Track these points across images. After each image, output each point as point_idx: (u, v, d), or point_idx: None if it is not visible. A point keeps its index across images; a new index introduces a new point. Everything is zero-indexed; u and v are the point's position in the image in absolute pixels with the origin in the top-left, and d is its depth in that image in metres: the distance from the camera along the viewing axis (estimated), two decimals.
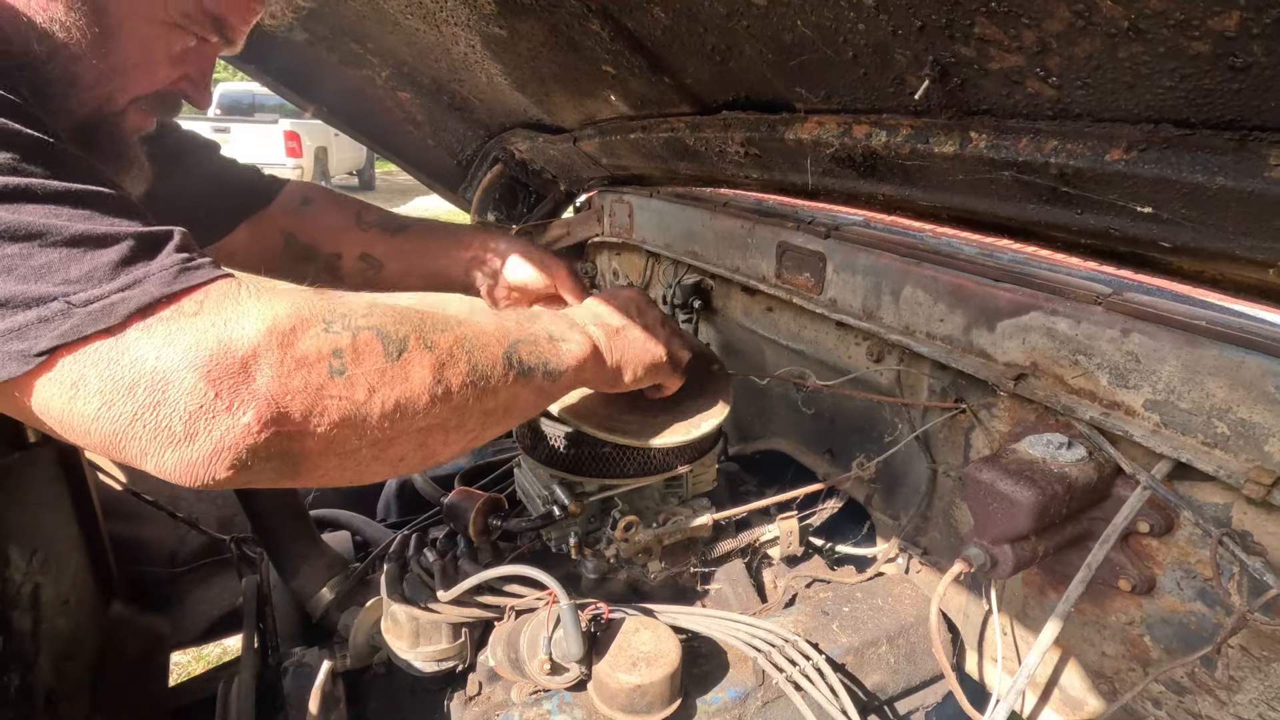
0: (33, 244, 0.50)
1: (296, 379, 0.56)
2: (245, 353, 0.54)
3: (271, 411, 0.54)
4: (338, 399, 0.58)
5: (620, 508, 1.10)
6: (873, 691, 1.06)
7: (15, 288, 0.48)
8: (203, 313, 0.54)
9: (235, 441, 0.53)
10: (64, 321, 0.49)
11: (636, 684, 0.84)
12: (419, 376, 0.63)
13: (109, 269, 0.52)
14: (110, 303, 0.50)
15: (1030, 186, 0.78)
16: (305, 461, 0.58)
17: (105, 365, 0.50)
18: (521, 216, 2.26)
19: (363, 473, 0.64)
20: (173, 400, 0.51)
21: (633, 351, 0.95)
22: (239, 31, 0.85)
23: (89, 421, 0.51)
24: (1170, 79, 0.56)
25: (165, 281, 0.53)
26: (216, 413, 0.52)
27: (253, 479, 0.56)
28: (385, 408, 0.61)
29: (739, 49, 0.96)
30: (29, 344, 0.48)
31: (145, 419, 0.50)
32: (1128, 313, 0.84)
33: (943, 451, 1.18)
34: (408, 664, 1.03)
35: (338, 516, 1.45)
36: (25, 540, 1.10)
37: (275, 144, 11.26)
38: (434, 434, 0.67)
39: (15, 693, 1.03)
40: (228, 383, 0.52)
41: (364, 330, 0.61)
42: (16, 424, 1.02)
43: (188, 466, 0.52)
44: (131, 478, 1.66)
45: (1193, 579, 0.87)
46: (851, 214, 1.40)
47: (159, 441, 0.51)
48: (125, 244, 0.53)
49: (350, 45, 1.73)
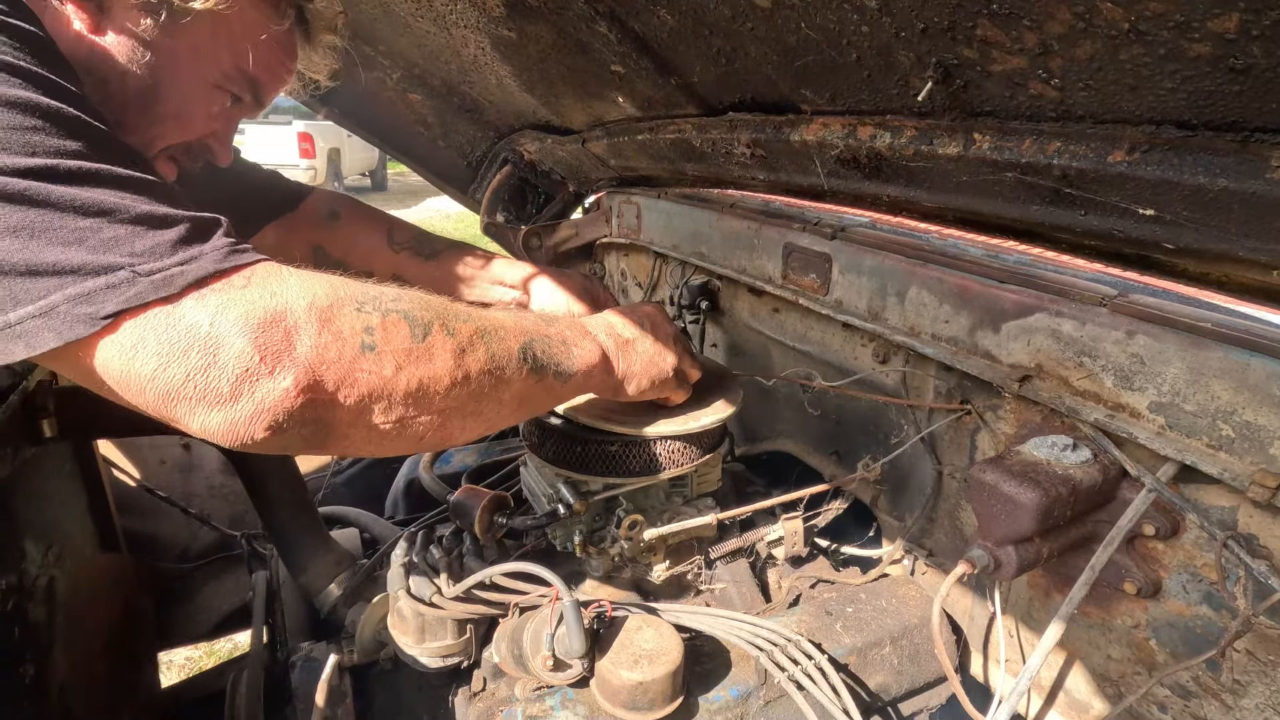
0: (103, 219, 0.54)
1: (332, 350, 0.61)
2: (288, 324, 0.59)
3: (309, 379, 0.59)
4: (367, 373, 0.63)
5: (625, 507, 1.10)
6: (875, 692, 1.06)
7: (87, 257, 0.53)
8: (251, 286, 0.59)
9: (275, 404, 0.58)
10: (129, 288, 0.53)
11: (639, 681, 0.84)
12: (441, 359, 0.68)
13: (169, 246, 0.56)
14: (170, 274, 0.55)
15: (1033, 188, 0.78)
16: (334, 430, 0.63)
17: (164, 329, 0.55)
18: (530, 217, 2.27)
19: (384, 446, 0.68)
20: (222, 362, 0.56)
21: (640, 364, 0.98)
22: (269, 96, 0.92)
23: (145, 381, 0.55)
24: (1171, 81, 0.56)
25: (218, 259, 0.58)
26: (260, 376, 0.57)
27: (286, 443, 0.60)
28: (409, 385, 0.66)
29: (744, 51, 0.96)
30: (96, 307, 0.53)
31: (196, 379, 0.55)
32: (1133, 314, 0.84)
33: (948, 453, 1.18)
34: (414, 659, 1.04)
35: (346, 514, 1.46)
36: (41, 534, 1.13)
37: (289, 145, 11.38)
38: (452, 416, 0.71)
39: (30, 683, 1.06)
40: (272, 349, 0.57)
41: (392, 312, 0.66)
42: (32, 420, 1.04)
43: (231, 426, 0.57)
44: (145, 474, 1.68)
45: (1199, 582, 0.86)
46: (858, 215, 1.40)
47: (207, 401, 0.56)
48: (182, 226, 0.58)
49: (362, 48, 1.75)
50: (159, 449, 1.75)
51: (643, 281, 2.07)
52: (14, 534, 1.04)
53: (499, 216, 2.24)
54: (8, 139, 0.52)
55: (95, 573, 1.34)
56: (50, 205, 0.52)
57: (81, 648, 1.20)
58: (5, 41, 0.56)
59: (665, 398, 1.08)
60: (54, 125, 0.55)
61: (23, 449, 1.01)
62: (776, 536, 1.27)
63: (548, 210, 2.28)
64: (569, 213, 2.33)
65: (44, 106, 0.55)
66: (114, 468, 1.58)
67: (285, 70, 0.91)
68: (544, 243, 2.25)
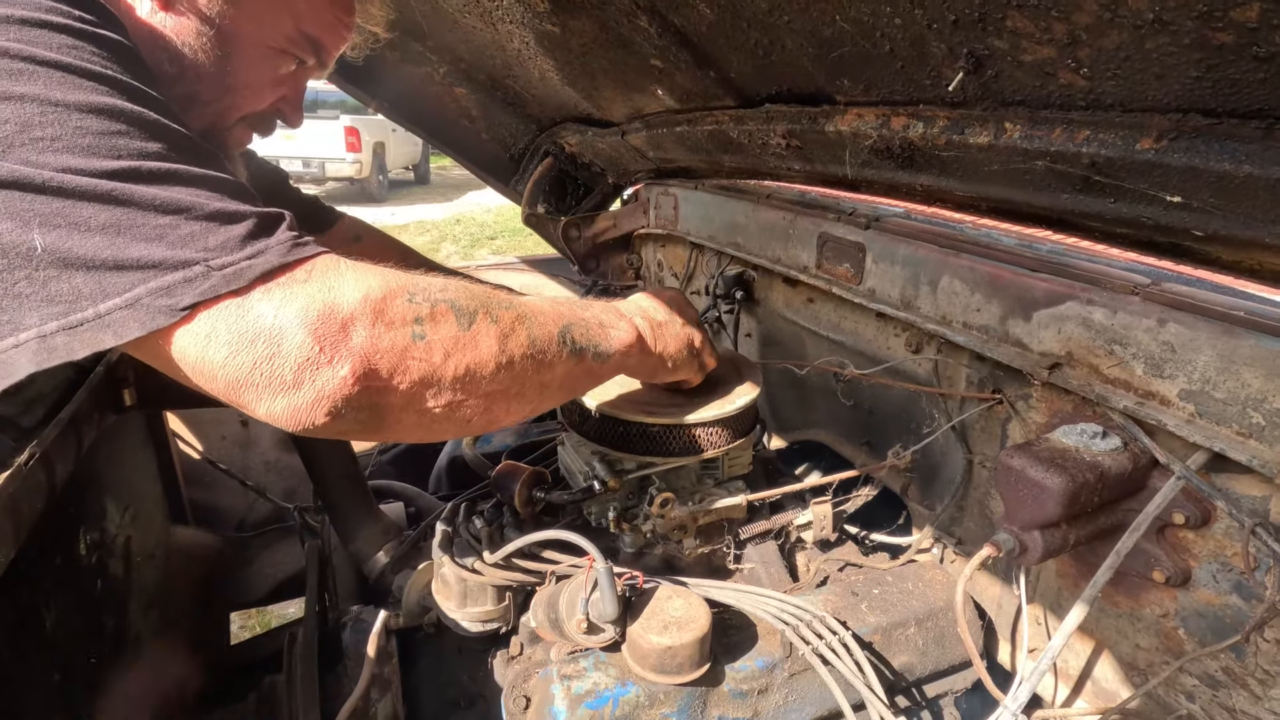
0: (180, 217, 0.59)
1: (385, 340, 0.64)
2: (345, 316, 0.62)
3: (364, 367, 0.63)
4: (418, 361, 0.66)
5: (657, 485, 1.15)
6: (899, 672, 1.08)
7: (166, 252, 0.58)
8: (311, 280, 0.63)
9: (333, 392, 0.61)
10: (204, 282, 0.58)
11: (668, 645, 0.89)
12: (486, 345, 0.72)
13: (238, 241, 0.61)
14: (240, 269, 0.59)
15: (1063, 176, 0.79)
16: (388, 415, 0.67)
17: (233, 320, 0.59)
18: (570, 208, 2.33)
19: (434, 430, 0.72)
20: (285, 352, 0.59)
21: (675, 344, 1.03)
22: (331, 55, 0.96)
23: (217, 368, 0.59)
24: (1197, 69, 0.57)
25: (282, 254, 0.62)
26: (320, 365, 0.61)
27: (344, 428, 0.65)
28: (457, 371, 0.69)
29: (781, 43, 0.99)
30: (175, 300, 0.57)
31: (262, 367, 0.59)
32: (1165, 303, 0.84)
33: (979, 442, 1.19)
34: (455, 623, 1.11)
35: (392, 487, 1.54)
36: (120, 495, 1.22)
37: (336, 139, 11.66)
38: (497, 400, 0.75)
39: (110, 632, 1.15)
40: (330, 340, 0.61)
41: (440, 302, 0.70)
42: (115, 390, 1.13)
43: (294, 412, 0.61)
44: (207, 447, 1.79)
45: (1229, 571, 0.86)
46: (893, 205, 1.41)
47: (272, 388, 0.60)
48: (250, 221, 0.62)
49: (411, 44, 1.82)
50: (220, 425, 1.86)
51: (679, 272, 2.11)
52: (98, 494, 1.14)
53: (539, 208, 2.30)
54: (96, 144, 0.57)
55: (166, 536, 1.44)
56: (134, 204, 0.57)
57: (155, 604, 1.30)
58: (93, 51, 0.61)
59: (686, 380, 1.12)
60: (137, 129, 0.59)
61: (106, 415, 1.10)
62: (805, 520, 1.29)
63: (587, 202, 2.33)
64: (608, 204, 2.37)
65: (128, 112, 0.59)
66: (180, 441, 1.69)
67: (344, 26, 0.94)
68: (583, 233, 2.31)
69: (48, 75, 0.56)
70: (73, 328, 0.55)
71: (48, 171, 0.54)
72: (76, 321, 0.55)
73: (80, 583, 1.06)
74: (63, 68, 0.57)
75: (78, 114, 0.57)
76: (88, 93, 0.58)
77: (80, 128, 0.56)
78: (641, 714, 0.91)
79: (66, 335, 0.55)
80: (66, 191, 0.54)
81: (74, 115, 0.56)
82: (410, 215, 11.29)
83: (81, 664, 1.04)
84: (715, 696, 0.95)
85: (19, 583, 0.85)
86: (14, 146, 0.54)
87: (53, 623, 0.95)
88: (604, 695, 0.90)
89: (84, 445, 0.99)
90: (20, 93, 0.55)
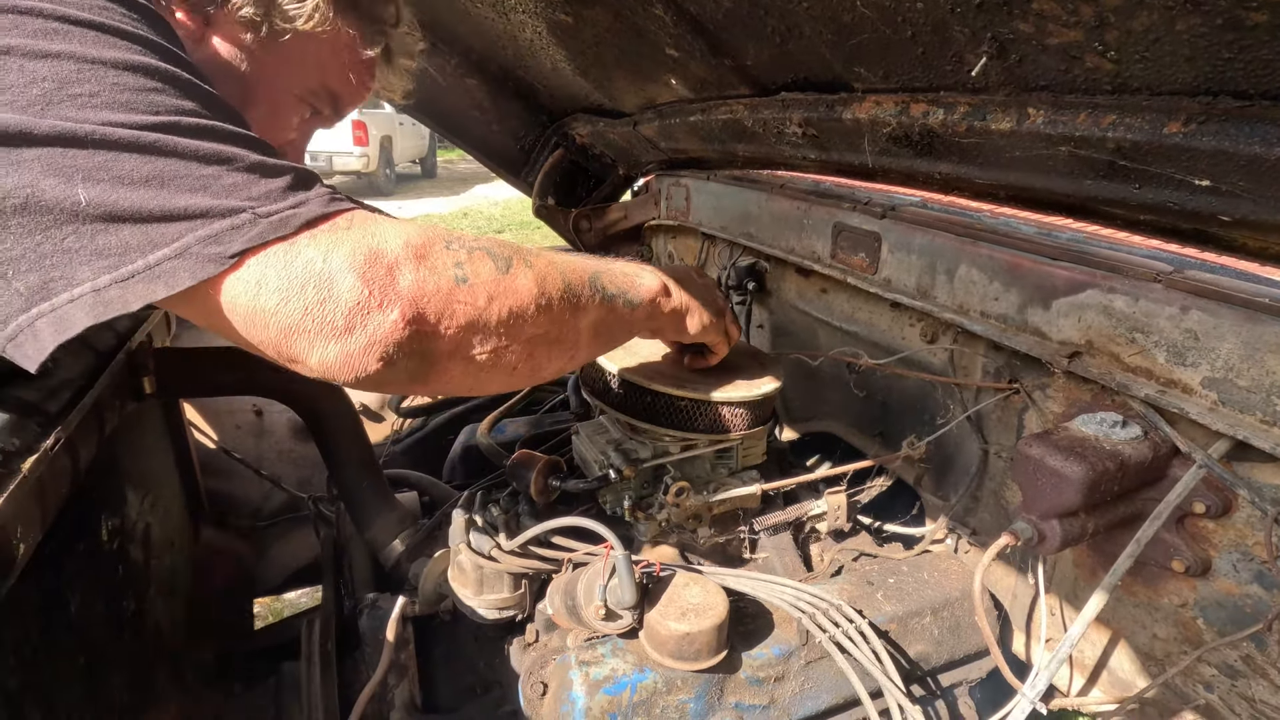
0: (223, 167, 0.59)
1: (430, 284, 0.65)
2: (390, 260, 0.63)
3: (413, 310, 0.63)
4: (464, 304, 0.67)
5: (672, 474, 1.15)
6: (915, 660, 1.08)
7: (212, 201, 0.57)
8: (354, 227, 0.63)
9: (385, 336, 0.62)
10: (251, 229, 0.58)
11: (685, 632, 0.89)
12: (525, 288, 0.73)
13: (280, 191, 0.61)
14: (285, 216, 0.60)
15: (1087, 162, 0.79)
16: (436, 363, 0.67)
17: (283, 266, 0.59)
18: (581, 200, 2.32)
19: (481, 380, 0.73)
20: (336, 296, 0.60)
21: (698, 299, 1.03)
22: (347, 110, 0.99)
23: (269, 315, 0.59)
24: (1229, 50, 0.57)
25: (323, 204, 0.63)
26: (370, 309, 0.61)
27: (394, 376, 0.65)
28: (501, 314, 0.70)
29: (798, 30, 0.98)
30: (224, 247, 0.57)
31: (314, 313, 0.60)
32: (1188, 290, 0.83)
33: (995, 432, 1.19)
34: (471, 610, 1.11)
35: (408, 476, 1.55)
36: (139, 483, 1.24)
37: (343, 132, 11.68)
38: (539, 346, 0.76)
39: (130, 616, 1.17)
40: (379, 283, 0.62)
41: (476, 250, 0.71)
42: (135, 377, 1.14)
43: (347, 358, 0.62)
44: (222, 437, 1.81)
45: (1250, 561, 0.86)
46: (909, 195, 1.40)
47: (324, 334, 0.60)
48: (289, 175, 0.63)
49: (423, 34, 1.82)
50: (234, 414, 1.87)
51: (690, 263, 2.10)
52: (118, 481, 1.15)
53: (550, 199, 2.30)
54: (134, 99, 0.56)
55: (185, 523, 1.45)
56: (177, 155, 0.57)
57: (175, 590, 1.31)
58: (123, 13, 0.61)
59: (713, 347, 1.13)
60: (172, 87, 0.60)
61: (126, 403, 1.11)
62: (820, 511, 1.29)
63: (598, 193, 2.33)
64: (618, 196, 2.37)
65: (163, 70, 0.60)
66: (195, 430, 1.71)
67: (365, 89, 0.97)
68: (594, 225, 2.30)
69: (82, 34, 0.56)
70: (124, 280, 0.55)
71: (89, 125, 0.54)
72: (128, 274, 0.55)
73: (102, 568, 1.07)
74: (96, 27, 0.57)
75: (114, 71, 0.57)
76: (123, 51, 0.58)
77: (117, 84, 0.56)
78: (659, 700, 0.92)
79: (120, 288, 0.55)
80: (109, 144, 0.54)
81: (110, 72, 0.56)
82: (417, 209, 11.30)
83: (104, 647, 1.05)
84: (732, 683, 0.95)
85: (45, 567, 0.86)
86: (53, 103, 0.54)
87: (77, 606, 0.96)
88: (622, 681, 0.91)
89: (105, 432, 1.00)
90: (56, 50, 0.55)
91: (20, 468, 0.74)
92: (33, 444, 0.78)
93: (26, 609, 0.85)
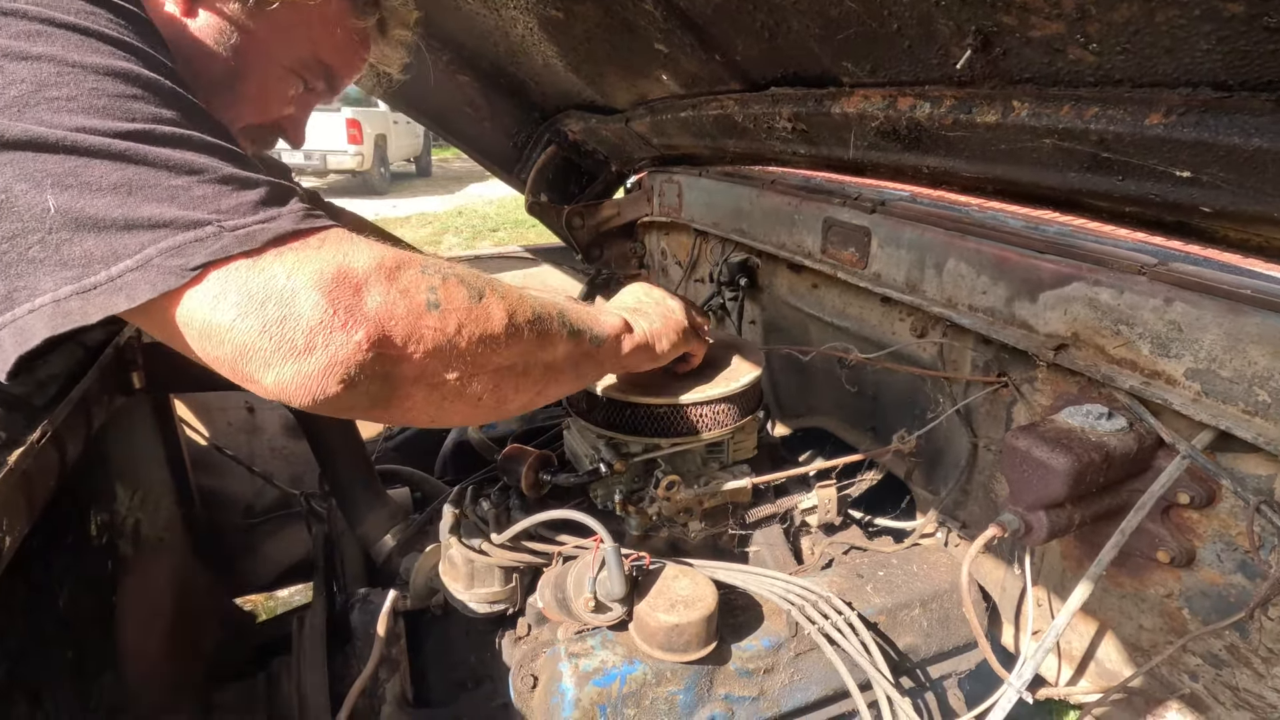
0: (193, 178, 0.58)
1: (400, 306, 0.63)
2: (359, 280, 0.61)
3: (379, 333, 0.61)
4: (433, 329, 0.65)
5: (663, 468, 1.15)
6: (904, 652, 1.09)
7: (178, 212, 0.56)
8: (325, 247, 0.62)
9: (346, 358, 0.60)
10: (215, 242, 0.56)
11: (675, 623, 0.89)
12: (497, 317, 0.72)
13: (251, 206, 0.60)
14: (252, 231, 0.58)
15: (1071, 154, 0.79)
16: (400, 388, 0.65)
17: (244, 281, 0.57)
18: (574, 197, 2.32)
19: (444, 409, 0.71)
20: (297, 314, 0.58)
21: (659, 322, 1.03)
22: (342, 83, 0.97)
23: (224, 331, 0.57)
24: (1207, 42, 0.57)
25: (295, 220, 0.61)
26: (333, 329, 0.59)
27: (354, 401, 0.62)
28: (470, 341, 0.69)
29: (787, 25, 0.99)
30: (186, 259, 0.56)
31: (272, 330, 0.57)
32: (1171, 282, 0.84)
33: (984, 426, 1.19)
34: (463, 604, 1.11)
35: (399, 472, 1.55)
36: (128, 479, 1.23)
37: (337, 131, 11.63)
38: (506, 376, 0.75)
39: (121, 611, 1.16)
40: (344, 303, 0.60)
41: (450, 276, 0.70)
42: (124, 372, 1.14)
43: (304, 379, 0.59)
44: (214, 434, 1.80)
45: (1234, 551, 0.87)
46: (898, 189, 1.41)
47: (281, 353, 0.58)
48: (263, 189, 0.61)
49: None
50: (226, 411, 1.87)
51: (682, 260, 2.11)
52: (107, 476, 1.15)
53: (543, 196, 2.30)
54: (111, 105, 0.56)
55: (175, 520, 1.45)
56: (147, 164, 0.56)
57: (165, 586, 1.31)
58: (109, 18, 0.60)
59: (691, 354, 1.12)
60: (152, 94, 0.59)
61: (115, 398, 1.10)
62: (810, 505, 1.30)
63: (591, 190, 2.33)
64: (611, 192, 2.37)
65: (143, 77, 0.59)
66: (187, 426, 1.70)
67: (359, 60, 0.96)
68: (587, 222, 2.31)
69: (65, 37, 0.56)
70: (86, 291, 0.54)
71: (61, 131, 0.53)
72: (90, 285, 0.54)
73: (91, 563, 1.07)
74: (79, 30, 0.57)
75: (93, 76, 0.56)
76: (104, 56, 0.57)
77: (95, 89, 0.56)
78: (649, 691, 0.92)
79: (80, 299, 0.54)
80: (80, 150, 0.54)
81: (90, 77, 0.56)
82: (412, 208, 11.28)
83: (93, 642, 1.05)
84: (722, 675, 0.96)
85: (33, 561, 0.86)
86: (29, 106, 0.53)
87: (65, 601, 0.96)
88: (611, 673, 0.91)
89: (94, 426, 1.00)
90: (37, 53, 0.54)
91: (6, 460, 0.74)
92: (19, 436, 0.78)
93: (13, 603, 0.85)
